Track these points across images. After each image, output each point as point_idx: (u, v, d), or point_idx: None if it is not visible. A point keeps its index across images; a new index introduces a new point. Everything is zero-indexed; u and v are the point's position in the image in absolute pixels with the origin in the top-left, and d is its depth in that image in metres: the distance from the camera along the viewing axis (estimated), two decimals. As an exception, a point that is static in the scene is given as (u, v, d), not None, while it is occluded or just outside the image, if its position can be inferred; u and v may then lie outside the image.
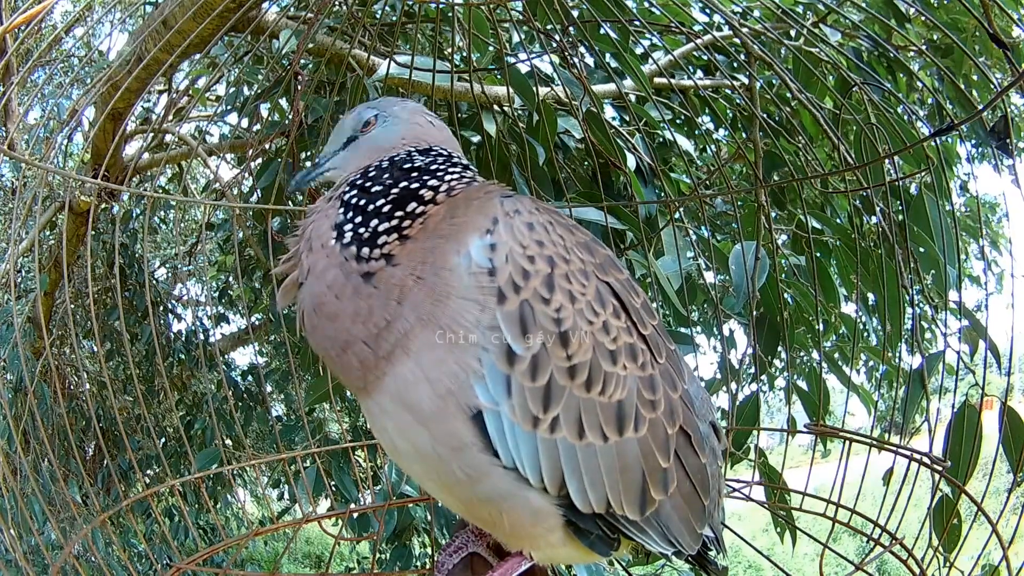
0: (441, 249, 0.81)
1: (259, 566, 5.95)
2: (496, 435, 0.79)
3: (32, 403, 2.41)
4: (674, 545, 0.89)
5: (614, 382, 0.82)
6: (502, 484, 0.81)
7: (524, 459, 0.80)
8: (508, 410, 0.78)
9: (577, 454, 0.81)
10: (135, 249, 3.91)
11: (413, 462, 0.87)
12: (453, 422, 0.79)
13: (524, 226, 0.82)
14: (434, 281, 0.79)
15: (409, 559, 2.32)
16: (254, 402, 3.92)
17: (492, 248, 0.80)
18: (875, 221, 1.94)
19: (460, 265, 0.79)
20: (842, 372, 2.09)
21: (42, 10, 1.12)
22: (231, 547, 1.47)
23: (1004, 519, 1.13)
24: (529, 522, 0.84)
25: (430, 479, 0.88)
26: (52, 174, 1.78)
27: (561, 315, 0.80)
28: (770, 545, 2.04)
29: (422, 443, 0.81)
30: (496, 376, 0.78)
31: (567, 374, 0.80)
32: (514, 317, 0.78)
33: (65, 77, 4.40)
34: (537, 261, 0.81)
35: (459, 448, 0.80)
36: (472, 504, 0.87)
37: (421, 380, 0.79)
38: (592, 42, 1.83)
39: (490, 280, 0.79)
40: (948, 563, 1.22)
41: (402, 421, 0.82)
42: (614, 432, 0.82)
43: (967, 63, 2.42)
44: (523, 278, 0.79)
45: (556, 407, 0.80)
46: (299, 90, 2.09)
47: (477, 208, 0.84)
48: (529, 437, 0.79)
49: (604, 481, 0.82)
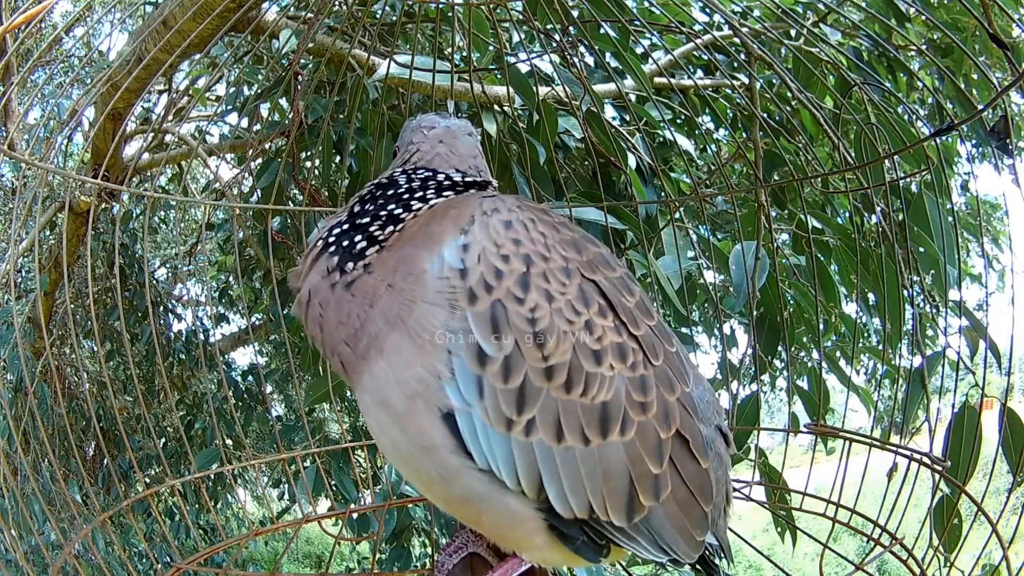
0: (413, 257, 0.82)
1: (259, 566, 5.95)
2: (469, 436, 0.78)
3: (32, 403, 2.41)
4: (668, 553, 0.86)
5: (597, 383, 0.79)
6: (476, 486, 0.80)
7: (499, 461, 0.78)
8: (480, 411, 0.77)
9: (555, 457, 0.78)
10: (135, 249, 3.90)
11: (395, 459, 0.87)
12: (421, 421, 0.79)
13: (501, 224, 0.81)
14: (402, 287, 0.80)
15: (409, 559, 2.32)
16: (254, 402, 3.92)
17: (465, 248, 0.79)
18: (875, 221, 1.94)
19: (430, 271, 0.79)
20: (842, 372, 2.09)
21: (42, 10, 1.12)
22: (231, 547, 1.46)
23: (1004, 519, 1.13)
24: (509, 525, 0.83)
25: (411, 477, 0.88)
26: (52, 174, 1.78)
27: (536, 315, 0.78)
28: (770, 545, 2.04)
29: (397, 441, 0.82)
30: (467, 377, 0.77)
31: (543, 375, 0.77)
32: (484, 317, 0.77)
33: (65, 77, 4.40)
34: (512, 260, 0.79)
35: (429, 448, 0.80)
36: (451, 503, 0.86)
37: (391, 381, 0.79)
38: (592, 42, 1.83)
39: (461, 281, 0.78)
40: (949, 563, 1.21)
41: (379, 418, 0.83)
42: (596, 435, 0.79)
43: (967, 63, 2.42)
44: (495, 278, 0.78)
45: (531, 409, 0.77)
46: (299, 90, 2.10)
47: (455, 215, 0.84)
48: (503, 439, 0.77)
49: (585, 486, 0.79)
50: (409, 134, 1.06)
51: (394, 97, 2.32)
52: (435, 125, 1.04)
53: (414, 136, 1.04)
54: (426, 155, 1.01)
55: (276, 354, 4.69)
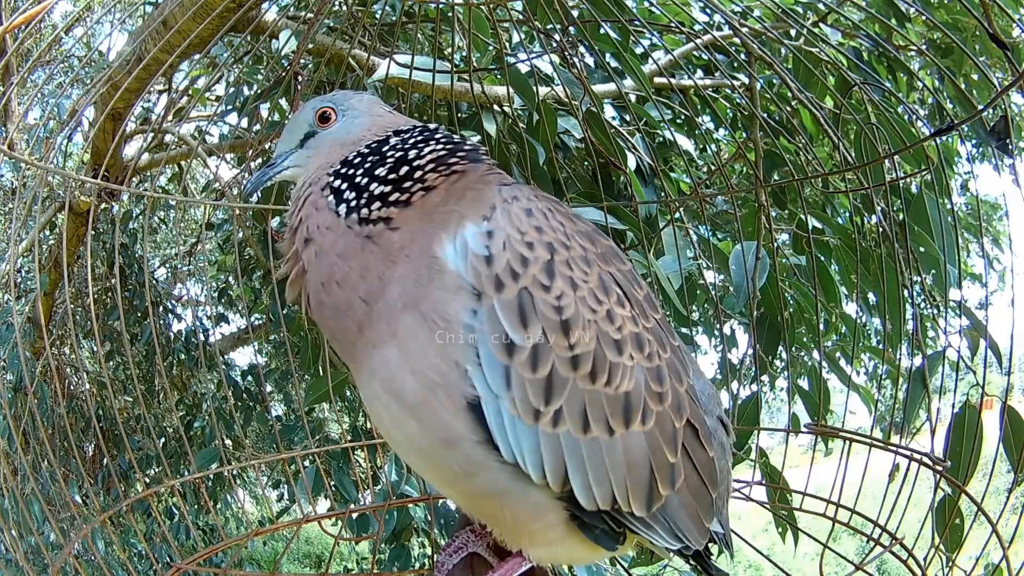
0: (432, 234, 0.79)
1: (259, 566, 5.95)
2: (496, 428, 0.76)
3: (32, 403, 2.41)
4: (681, 540, 0.86)
5: (620, 373, 0.79)
6: (502, 479, 0.79)
7: (525, 454, 0.77)
8: (508, 403, 0.76)
9: (581, 449, 0.78)
10: (135, 249, 3.90)
11: (410, 453, 0.85)
12: (442, 413, 0.77)
13: (522, 212, 0.80)
14: (419, 265, 0.78)
15: (408, 559, 2.32)
16: (254, 402, 3.92)
17: (489, 235, 0.78)
18: (875, 220, 1.94)
19: (449, 256, 0.77)
20: (843, 372, 2.09)
21: (42, 10, 1.12)
22: (231, 547, 1.46)
23: (1004, 519, 1.13)
24: (531, 517, 0.82)
25: (428, 472, 0.87)
26: (52, 174, 1.78)
27: (562, 303, 0.77)
28: (770, 545, 2.03)
29: (414, 434, 0.80)
30: (494, 366, 0.75)
31: (570, 365, 0.77)
32: (512, 306, 0.75)
33: (65, 77, 4.40)
34: (536, 248, 0.78)
35: (452, 441, 0.78)
36: (471, 498, 0.85)
37: (405, 370, 0.77)
38: (592, 42, 1.83)
39: (487, 268, 0.76)
40: (951, 562, 1.21)
41: (392, 409, 0.80)
42: (620, 425, 0.79)
43: (967, 63, 2.42)
44: (522, 265, 0.77)
45: (559, 399, 0.77)
46: (299, 90, 2.10)
47: (474, 197, 0.83)
48: (531, 431, 0.76)
49: (610, 477, 0.79)
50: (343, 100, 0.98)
51: (394, 97, 2.32)
52: (355, 95, 0.99)
53: (355, 102, 0.97)
54: (383, 120, 0.96)
55: (276, 354, 4.68)
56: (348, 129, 0.95)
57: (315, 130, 0.97)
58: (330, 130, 0.96)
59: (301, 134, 0.98)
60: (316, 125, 0.96)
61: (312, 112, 0.97)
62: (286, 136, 1.00)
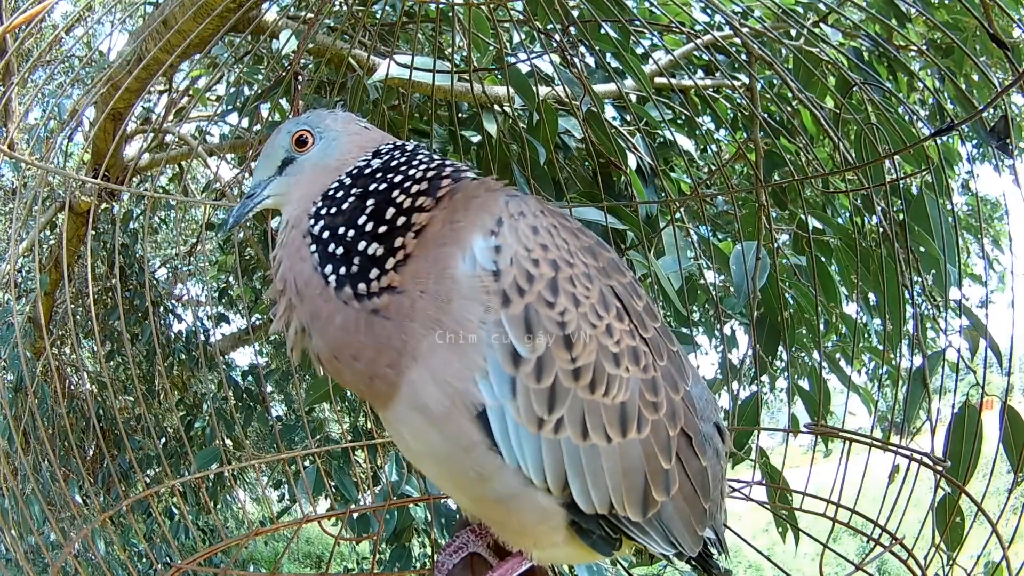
0: (444, 256, 0.80)
1: (259, 566, 5.95)
2: (500, 434, 0.79)
3: (32, 403, 2.41)
4: (675, 546, 0.90)
5: (617, 384, 0.83)
6: (513, 483, 0.82)
7: (528, 459, 0.80)
8: (513, 411, 0.79)
9: (580, 455, 0.81)
10: (135, 249, 3.90)
11: (428, 463, 0.88)
12: (461, 420, 0.80)
13: (529, 229, 0.82)
14: (437, 289, 0.79)
15: (409, 559, 2.32)
16: (254, 402, 3.92)
17: (497, 250, 0.80)
18: (876, 221, 1.94)
19: (463, 269, 0.79)
20: (843, 372, 2.09)
21: (42, 10, 1.12)
22: (231, 547, 1.46)
23: (1004, 519, 1.13)
24: (536, 520, 0.85)
25: (444, 479, 0.89)
26: (52, 174, 1.78)
27: (565, 318, 0.80)
28: (770, 545, 2.03)
29: (435, 443, 0.82)
30: (501, 376, 0.78)
31: (571, 376, 0.80)
32: (519, 320, 0.78)
33: (65, 77, 4.40)
34: (541, 265, 0.81)
35: (468, 447, 0.81)
36: (484, 503, 0.88)
37: (429, 382, 0.80)
38: (592, 42, 1.83)
39: (495, 282, 0.79)
40: (951, 561, 1.21)
41: (415, 424, 0.83)
42: (617, 433, 0.83)
43: (967, 63, 2.42)
44: (528, 281, 0.79)
45: (560, 408, 0.80)
46: (299, 90, 2.10)
47: (479, 206, 0.83)
48: (533, 438, 0.80)
49: (607, 482, 0.83)
50: (318, 121, 0.94)
51: (394, 97, 2.32)
52: (329, 115, 0.96)
53: (330, 123, 0.94)
54: (360, 138, 0.94)
55: (276, 354, 4.68)
56: (327, 152, 0.92)
57: (293, 155, 0.93)
58: (308, 155, 0.93)
59: (279, 160, 0.95)
60: (293, 150, 0.93)
61: (288, 136, 0.94)
62: (263, 163, 0.96)
